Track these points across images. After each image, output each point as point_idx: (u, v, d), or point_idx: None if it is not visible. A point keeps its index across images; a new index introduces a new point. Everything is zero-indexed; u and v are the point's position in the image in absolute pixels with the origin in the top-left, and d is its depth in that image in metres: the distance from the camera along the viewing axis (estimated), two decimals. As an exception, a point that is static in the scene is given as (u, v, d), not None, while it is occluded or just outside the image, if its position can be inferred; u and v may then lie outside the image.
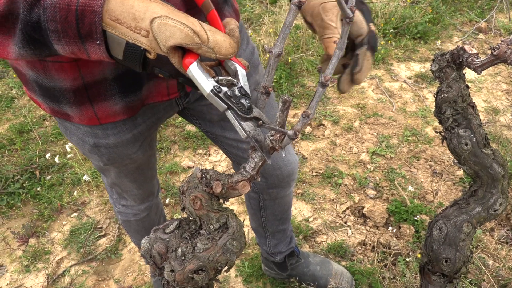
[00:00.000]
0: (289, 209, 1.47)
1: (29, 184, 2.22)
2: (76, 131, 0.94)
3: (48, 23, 0.54)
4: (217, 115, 1.06)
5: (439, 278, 1.09)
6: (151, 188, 1.29)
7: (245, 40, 1.04)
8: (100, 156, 1.00)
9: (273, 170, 1.23)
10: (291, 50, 3.12)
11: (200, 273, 0.75)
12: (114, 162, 1.02)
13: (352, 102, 2.75)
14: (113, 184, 1.20)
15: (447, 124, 0.99)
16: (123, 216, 1.37)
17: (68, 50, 0.57)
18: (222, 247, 0.74)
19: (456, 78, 0.97)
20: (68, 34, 0.55)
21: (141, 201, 1.30)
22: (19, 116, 2.75)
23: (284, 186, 1.31)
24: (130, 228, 1.43)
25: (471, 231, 1.02)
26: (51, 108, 0.88)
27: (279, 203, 1.39)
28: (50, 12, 0.53)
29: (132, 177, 1.15)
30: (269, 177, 1.26)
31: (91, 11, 0.53)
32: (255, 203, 1.42)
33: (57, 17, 0.53)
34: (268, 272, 1.71)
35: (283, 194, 1.35)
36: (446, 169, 2.22)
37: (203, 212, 0.73)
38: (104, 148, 0.96)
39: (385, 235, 1.87)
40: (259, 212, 1.44)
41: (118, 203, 1.34)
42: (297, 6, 0.64)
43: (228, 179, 0.70)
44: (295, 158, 1.28)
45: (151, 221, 1.40)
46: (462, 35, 3.45)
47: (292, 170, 1.27)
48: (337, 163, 2.28)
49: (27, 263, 1.88)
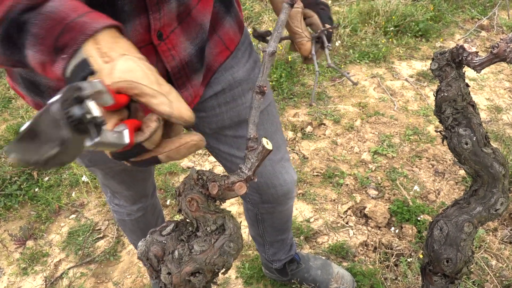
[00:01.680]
0: (288, 221, 1.43)
1: (26, 186, 2.21)
2: None
3: (32, 26, 0.53)
4: (209, 128, 1.03)
5: (441, 278, 1.08)
6: (143, 190, 1.27)
7: (246, 55, 1.01)
8: (82, 158, 0.98)
9: (267, 189, 1.18)
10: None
11: (197, 276, 0.74)
12: (96, 164, 1.00)
13: (353, 101, 2.73)
14: (103, 184, 1.19)
15: (447, 123, 0.99)
16: (118, 215, 1.36)
17: (38, 59, 0.55)
18: (219, 249, 0.73)
19: (455, 77, 0.96)
20: (45, 42, 0.53)
21: (133, 202, 1.28)
22: (17, 117, 2.75)
23: (280, 203, 1.26)
24: (125, 227, 1.42)
25: (472, 231, 1.01)
26: (36, 102, 0.86)
27: (277, 217, 1.35)
28: (42, 18, 0.53)
29: (120, 178, 1.13)
30: (264, 194, 1.20)
31: (79, 31, 0.52)
32: (252, 215, 1.38)
33: (44, 25, 0.53)
34: (268, 275, 1.70)
35: (280, 209, 1.30)
36: (448, 168, 2.20)
37: (200, 213, 0.72)
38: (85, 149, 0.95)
39: (387, 236, 1.86)
40: (257, 223, 1.40)
41: (112, 201, 1.33)
42: (289, 5, 0.63)
43: (225, 180, 0.69)
44: (292, 177, 1.21)
45: (147, 222, 1.38)
46: (464, 32, 3.42)
47: (288, 189, 1.21)
48: (338, 163, 2.27)
49: (25, 265, 1.87)
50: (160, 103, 0.52)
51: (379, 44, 3.24)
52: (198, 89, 0.90)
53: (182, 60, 0.81)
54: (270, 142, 0.68)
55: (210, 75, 0.93)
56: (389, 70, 3.03)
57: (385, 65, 3.08)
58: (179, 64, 0.80)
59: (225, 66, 0.95)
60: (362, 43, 3.27)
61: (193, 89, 0.88)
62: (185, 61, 0.82)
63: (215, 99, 0.97)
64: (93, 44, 0.52)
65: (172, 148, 0.56)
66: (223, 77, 0.95)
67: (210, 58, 0.91)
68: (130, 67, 0.52)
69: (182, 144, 0.56)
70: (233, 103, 0.99)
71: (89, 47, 0.52)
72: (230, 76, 0.96)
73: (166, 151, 0.56)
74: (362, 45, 3.25)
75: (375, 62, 3.10)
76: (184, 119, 0.54)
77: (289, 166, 1.20)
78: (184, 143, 0.56)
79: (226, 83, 0.96)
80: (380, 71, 3.02)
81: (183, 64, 0.81)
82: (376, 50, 3.17)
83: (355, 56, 3.14)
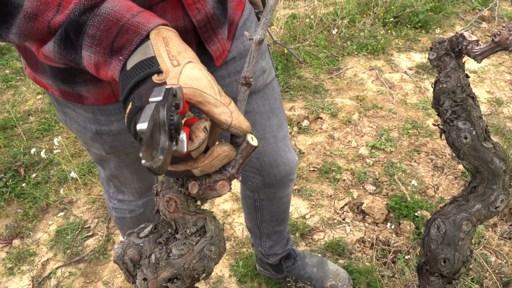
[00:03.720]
0: (286, 210, 1.43)
1: (13, 183, 2.17)
2: (77, 117, 0.92)
3: (90, 28, 0.56)
4: None
5: (438, 279, 1.06)
6: (151, 182, 1.26)
7: (253, 24, 1.02)
8: (102, 144, 0.97)
9: (270, 168, 1.19)
10: (287, 40, 3.06)
11: (175, 282, 0.69)
12: (116, 151, 1.00)
13: (351, 94, 2.70)
14: (111, 176, 1.16)
15: (445, 116, 0.96)
16: (118, 213, 1.33)
17: (94, 60, 0.58)
18: (199, 253, 0.69)
19: (455, 67, 0.93)
20: (102, 43, 0.56)
21: (140, 196, 1.27)
22: (3, 111, 2.70)
23: (281, 186, 1.27)
24: (124, 226, 1.39)
25: (471, 229, 0.99)
26: (62, 90, 0.86)
27: (276, 204, 1.35)
28: (98, 20, 0.56)
29: (133, 167, 1.12)
30: (266, 176, 1.21)
31: (134, 31, 0.55)
32: (251, 202, 1.38)
33: (102, 26, 0.56)
34: (263, 272, 1.68)
35: (280, 194, 1.31)
36: (447, 163, 2.17)
37: (179, 215, 0.68)
38: (107, 136, 0.94)
39: (384, 232, 1.83)
40: (255, 211, 1.40)
41: (115, 198, 1.30)
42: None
43: (206, 178, 0.65)
44: (295, 157, 1.24)
45: (146, 219, 1.36)
46: (464, 24, 3.38)
47: (291, 169, 1.23)
48: (335, 158, 2.24)
49: (11, 265, 1.84)
50: (221, 112, 0.55)
51: (377, 35, 3.20)
52: (225, 43, 0.92)
53: (207, 13, 0.82)
54: (255, 138, 0.64)
55: (233, 29, 0.95)
56: (387, 62, 3.00)
57: (383, 57, 3.04)
58: (204, 17, 0.82)
59: (236, 35, 0.97)
60: (360, 35, 3.23)
61: (220, 43, 0.90)
62: (210, 14, 0.83)
63: (225, 68, 0.97)
64: (162, 43, 0.55)
65: (206, 163, 0.58)
66: (234, 45, 0.96)
67: (230, 11, 0.93)
68: (196, 75, 0.54)
69: (214, 158, 0.58)
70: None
71: (157, 44, 0.55)
72: (241, 45, 0.97)
73: (201, 166, 0.58)
74: (360, 37, 3.21)
75: (374, 54, 3.07)
76: (242, 129, 0.57)
77: (291, 145, 1.23)
78: (217, 156, 0.58)
79: (237, 52, 0.96)
80: (379, 63, 2.98)
81: (208, 18, 0.83)
82: (374, 41, 3.13)
83: (353, 48, 3.10)
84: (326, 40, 3.15)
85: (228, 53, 0.96)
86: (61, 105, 0.92)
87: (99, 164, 1.14)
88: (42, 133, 2.51)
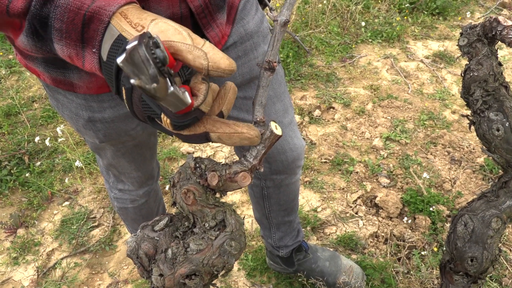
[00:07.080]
0: (295, 199, 1.40)
1: (17, 171, 2.15)
2: (69, 104, 0.89)
3: (54, 21, 0.56)
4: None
5: (462, 278, 1.02)
6: (151, 171, 1.24)
7: (254, 7, 0.99)
8: (96, 132, 0.95)
9: (277, 155, 1.17)
10: (299, 26, 2.99)
11: (193, 278, 0.67)
12: (110, 139, 0.98)
13: (365, 83, 2.64)
14: (109, 165, 1.15)
15: (476, 106, 0.92)
16: (119, 203, 1.31)
17: (66, 53, 0.58)
18: (219, 248, 0.66)
19: (487, 54, 0.88)
20: (71, 36, 0.56)
21: (140, 185, 1.25)
22: (6, 97, 2.67)
23: (289, 173, 1.25)
24: (126, 216, 1.37)
25: (501, 227, 0.95)
26: (53, 78, 0.84)
27: (284, 192, 1.32)
28: (60, 11, 0.55)
29: (130, 156, 1.10)
30: (273, 162, 1.20)
31: (98, 19, 0.55)
32: (258, 191, 1.35)
33: (65, 18, 0.55)
34: (273, 266, 1.64)
35: (288, 181, 1.29)
36: (465, 156, 2.10)
37: (197, 207, 0.65)
38: (100, 123, 0.92)
39: (399, 227, 1.79)
40: (262, 200, 1.38)
41: (115, 187, 1.28)
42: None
43: (226, 169, 0.63)
44: (302, 142, 1.22)
45: (149, 209, 1.35)
46: (484, 10, 3.31)
47: (298, 155, 1.21)
48: (348, 149, 2.19)
49: (16, 255, 1.83)
50: (195, 57, 0.52)
51: (393, 22, 3.13)
52: (225, 28, 0.90)
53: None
54: (279, 127, 0.61)
55: (233, 13, 0.93)
56: (403, 50, 2.94)
57: (399, 45, 2.98)
58: (202, 2, 0.80)
59: (236, 18, 0.95)
60: (375, 21, 3.16)
61: (219, 29, 0.88)
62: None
63: (226, 53, 0.94)
64: (122, 19, 0.55)
65: (226, 131, 0.57)
66: (234, 29, 0.94)
67: None
68: (161, 28, 0.53)
69: (237, 132, 0.57)
70: (245, 57, 0.98)
71: (119, 23, 0.54)
72: (242, 28, 0.95)
73: (220, 132, 0.57)
74: (375, 23, 3.14)
75: (389, 42, 3.01)
76: (222, 69, 0.52)
77: (298, 130, 1.21)
78: (240, 132, 0.57)
79: (238, 36, 0.95)
80: (394, 52, 2.92)
81: (206, 3, 0.81)
82: (389, 28, 3.06)
83: (367, 35, 3.04)
84: (339, 26, 3.08)
85: (228, 37, 0.93)
86: (52, 90, 0.90)
87: (96, 152, 1.12)
88: (47, 120, 2.49)
